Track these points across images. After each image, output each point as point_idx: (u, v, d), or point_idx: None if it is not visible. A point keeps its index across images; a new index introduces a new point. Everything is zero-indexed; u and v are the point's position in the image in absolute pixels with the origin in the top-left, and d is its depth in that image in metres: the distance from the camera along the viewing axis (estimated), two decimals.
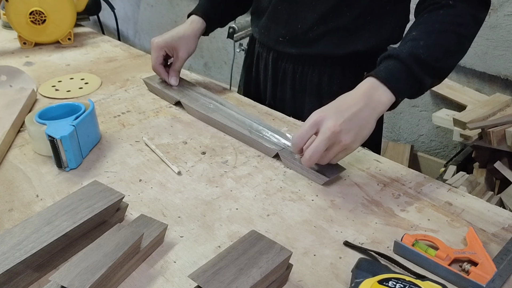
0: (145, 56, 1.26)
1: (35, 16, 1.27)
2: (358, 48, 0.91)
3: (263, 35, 1.00)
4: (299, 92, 0.99)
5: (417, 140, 2.09)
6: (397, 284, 0.48)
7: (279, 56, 0.99)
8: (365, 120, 0.68)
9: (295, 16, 0.92)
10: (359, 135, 0.68)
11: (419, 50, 0.72)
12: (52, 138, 0.71)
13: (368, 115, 0.68)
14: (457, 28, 0.74)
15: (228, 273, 0.49)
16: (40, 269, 0.54)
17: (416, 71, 0.71)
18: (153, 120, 0.91)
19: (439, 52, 0.73)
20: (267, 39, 0.99)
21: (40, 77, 1.11)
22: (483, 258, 0.55)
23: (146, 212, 0.65)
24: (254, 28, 1.05)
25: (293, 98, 1.00)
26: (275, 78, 1.01)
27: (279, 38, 0.96)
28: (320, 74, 0.95)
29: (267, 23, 0.97)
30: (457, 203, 0.67)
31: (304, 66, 0.96)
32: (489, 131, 1.51)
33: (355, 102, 0.69)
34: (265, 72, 1.04)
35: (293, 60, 0.97)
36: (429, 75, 0.73)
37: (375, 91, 0.70)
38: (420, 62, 0.71)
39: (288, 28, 0.94)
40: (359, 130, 0.68)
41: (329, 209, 0.66)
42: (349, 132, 0.67)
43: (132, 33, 3.51)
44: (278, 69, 1.00)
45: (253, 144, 0.81)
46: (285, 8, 0.93)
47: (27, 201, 0.68)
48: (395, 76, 0.71)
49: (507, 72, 1.69)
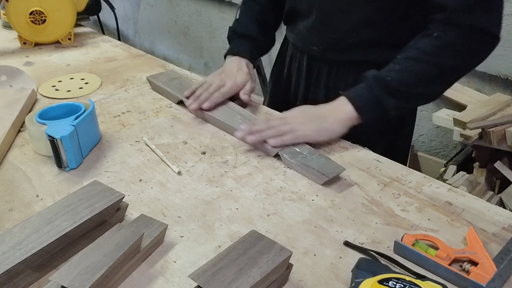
0: (145, 56, 1.26)
1: (35, 16, 1.27)
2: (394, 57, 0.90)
3: (298, 41, 1.00)
4: (332, 93, 0.97)
5: (417, 140, 2.09)
6: (397, 284, 0.48)
7: (314, 58, 0.98)
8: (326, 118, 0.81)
9: (331, 28, 0.91)
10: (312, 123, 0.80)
11: (390, 73, 0.79)
12: (52, 138, 0.71)
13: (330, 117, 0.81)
14: (436, 59, 0.77)
15: (228, 273, 0.49)
16: (40, 269, 0.54)
17: (377, 91, 0.78)
18: (153, 120, 0.91)
19: (410, 79, 0.78)
20: (302, 46, 0.99)
21: (40, 77, 1.11)
22: (483, 258, 0.55)
23: (146, 212, 0.65)
24: (289, 32, 1.04)
25: (326, 98, 0.98)
26: (309, 79, 1.01)
27: (314, 47, 0.95)
28: (356, 74, 0.92)
29: (303, 31, 0.96)
30: (457, 203, 0.67)
31: (339, 67, 0.95)
32: (489, 131, 1.51)
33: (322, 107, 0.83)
34: (298, 72, 1.03)
35: (328, 62, 0.96)
36: (394, 97, 0.78)
37: (342, 105, 0.81)
38: (383, 84, 0.78)
39: (322, 38, 0.93)
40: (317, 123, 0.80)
41: (329, 209, 0.66)
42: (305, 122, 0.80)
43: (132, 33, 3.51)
44: (313, 69, 0.99)
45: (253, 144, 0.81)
46: (318, 18, 0.92)
47: (27, 201, 0.68)
48: (359, 94, 0.80)
49: (507, 72, 1.69)
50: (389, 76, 0.78)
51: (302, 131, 0.79)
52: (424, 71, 0.78)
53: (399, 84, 0.78)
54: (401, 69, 0.79)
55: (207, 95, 0.92)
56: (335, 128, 0.80)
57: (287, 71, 1.07)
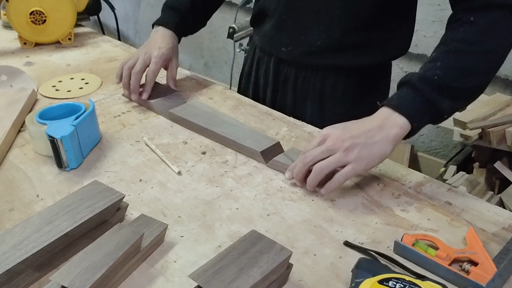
0: None
1: (35, 16, 1.27)
2: (363, 63, 0.90)
3: (265, 43, 0.99)
4: (300, 97, 0.98)
5: (417, 140, 2.09)
6: (397, 284, 0.48)
7: (281, 61, 0.97)
8: (375, 141, 0.66)
9: (301, 28, 0.90)
10: (366, 154, 0.66)
11: (435, 71, 0.69)
12: (53, 138, 0.71)
13: (379, 136, 0.67)
14: (478, 47, 0.70)
15: (229, 272, 0.49)
16: (41, 268, 0.54)
17: (428, 94, 0.68)
18: (153, 120, 0.91)
19: (457, 73, 0.70)
20: (269, 47, 0.98)
21: (40, 77, 1.11)
22: (483, 258, 0.55)
23: (146, 212, 0.65)
24: (256, 35, 1.04)
25: (294, 103, 0.99)
26: (276, 83, 1.00)
27: (282, 48, 0.94)
28: (323, 79, 0.93)
29: (271, 32, 0.96)
30: (457, 203, 0.67)
31: (307, 71, 0.94)
32: (489, 131, 1.51)
33: (367, 123, 0.68)
34: (265, 76, 1.03)
35: (296, 66, 0.95)
36: (447, 97, 0.69)
37: (389, 117, 0.68)
38: (432, 84, 0.69)
39: (292, 38, 0.92)
40: (367, 149, 0.66)
41: (329, 209, 0.67)
42: (353, 148, 0.65)
43: (133, 33, 3.51)
44: (280, 73, 0.99)
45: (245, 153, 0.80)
46: (290, 18, 0.91)
47: (28, 201, 0.68)
48: (407, 101, 0.69)
49: (507, 72, 1.69)
50: (436, 75, 0.69)
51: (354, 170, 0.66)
52: (470, 62, 0.70)
53: (449, 81, 0.69)
54: (445, 65, 0.70)
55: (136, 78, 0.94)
56: (387, 149, 0.67)
57: (254, 75, 1.06)
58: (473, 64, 0.70)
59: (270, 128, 0.88)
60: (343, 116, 0.78)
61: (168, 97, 0.95)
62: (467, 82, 0.70)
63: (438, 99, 0.68)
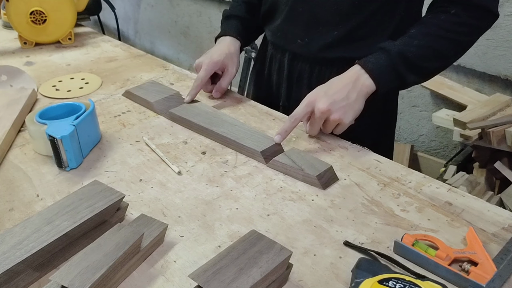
0: (145, 56, 1.26)
1: (35, 16, 1.27)
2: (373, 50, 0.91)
3: (278, 38, 0.98)
4: None
5: (417, 140, 2.09)
6: (397, 284, 0.48)
7: (295, 57, 0.97)
8: (353, 99, 0.79)
9: (316, 20, 0.90)
10: (349, 112, 0.79)
11: (410, 48, 0.80)
12: (53, 138, 0.71)
13: (355, 94, 0.79)
14: (453, 35, 0.81)
15: (228, 272, 0.49)
16: (41, 268, 0.54)
17: (400, 69, 0.80)
18: (154, 120, 0.91)
19: (429, 54, 0.81)
20: (283, 42, 0.98)
21: (40, 77, 1.11)
22: (483, 258, 0.55)
23: (146, 211, 0.65)
24: (267, 31, 1.03)
25: None
26: (291, 79, 1.00)
27: (298, 40, 0.94)
28: (338, 72, 0.91)
29: (283, 25, 0.95)
30: (457, 203, 0.67)
31: (321, 66, 0.94)
32: (489, 131, 1.51)
33: (343, 85, 0.80)
34: (279, 73, 1.02)
35: (310, 61, 0.95)
36: (414, 73, 0.81)
37: (360, 76, 0.80)
38: (406, 61, 0.79)
39: (307, 31, 0.92)
40: (348, 107, 0.79)
41: (329, 209, 0.67)
42: (337, 110, 0.78)
43: (133, 33, 3.51)
44: (294, 69, 0.98)
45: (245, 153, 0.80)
46: (305, 10, 0.91)
47: (28, 200, 0.68)
48: (380, 68, 0.80)
49: (507, 72, 1.69)
50: (410, 51, 0.79)
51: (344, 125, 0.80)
52: (443, 47, 0.81)
53: (420, 59, 0.80)
54: (420, 45, 0.80)
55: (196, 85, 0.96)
56: (360, 106, 0.80)
57: (267, 72, 1.06)
58: (445, 48, 0.81)
59: (270, 128, 0.88)
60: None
61: (168, 97, 0.95)
62: (435, 63, 0.83)
63: (407, 73, 0.80)
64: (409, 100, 2.05)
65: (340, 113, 0.78)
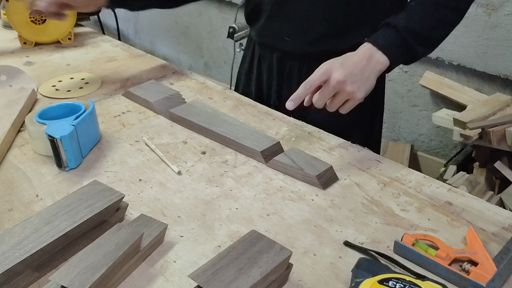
0: (145, 56, 1.26)
1: (35, 15, 1.27)
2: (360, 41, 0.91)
3: (265, 36, 0.99)
4: None
5: (417, 139, 2.09)
6: (397, 284, 0.48)
7: (284, 55, 0.97)
8: (367, 75, 0.78)
9: (301, 14, 0.91)
10: (362, 87, 0.77)
11: (416, 21, 0.81)
12: (52, 138, 0.71)
13: (369, 71, 0.78)
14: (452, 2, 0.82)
15: (228, 272, 0.49)
16: (40, 269, 0.54)
17: (410, 42, 0.80)
18: (153, 120, 0.91)
19: (434, 24, 0.82)
20: (270, 40, 0.98)
21: (40, 77, 1.11)
22: (483, 257, 0.55)
23: (146, 211, 0.65)
24: (252, 31, 1.03)
25: None
26: (281, 78, 1.00)
27: (284, 37, 0.94)
28: None
29: (269, 24, 0.96)
30: (457, 202, 0.67)
31: (310, 62, 0.94)
32: (489, 130, 1.51)
33: (358, 59, 0.79)
34: (269, 72, 1.02)
35: (299, 58, 0.96)
36: (422, 45, 0.82)
37: (374, 53, 0.79)
38: (415, 34, 0.80)
39: (294, 27, 0.92)
40: (362, 82, 0.77)
41: (329, 209, 0.66)
42: (353, 83, 0.76)
43: (132, 33, 3.51)
44: (284, 68, 0.99)
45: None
46: (289, 6, 0.91)
47: (27, 201, 0.68)
48: (391, 44, 0.80)
49: (507, 71, 1.69)
50: (416, 24, 0.80)
51: (355, 99, 0.77)
52: (445, 15, 0.83)
53: (427, 31, 0.81)
54: (423, 16, 0.81)
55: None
56: (372, 83, 0.79)
57: (256, 72, 1.06)
58: (446, 17, 0.83)
59: (270, 128, 0.88)
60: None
61: (168, 97, 0.95)
62: (441, 32, 0.85)
63: (416, 46, 0.81)
64: (409, 100, 2.05)
65: (355, 86, 0.76)
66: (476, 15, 1.67)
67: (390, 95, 2.10)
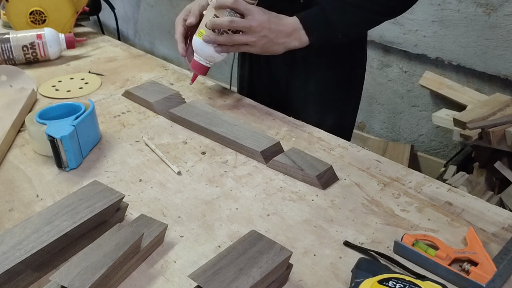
0: (145, 56, 1.26)
1: (35, 16, 1.27)
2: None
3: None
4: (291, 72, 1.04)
5: (417, 140, 2.09)
6: (397, 284, 0.48)
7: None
8: (279, 42, 0.84)
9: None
10: (266, 46, 0.84)
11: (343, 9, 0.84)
12: (52, 138, 0.71)
13: (283, 41, 0.84)
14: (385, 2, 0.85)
15: (228, 273, 0.49)
16: (40, 269, 0.54)
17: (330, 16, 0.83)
18: (153, 120, 0.91)
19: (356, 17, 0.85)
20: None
21: (40, 77, 1.11)
22: (483, 258, 0.55)
23: (146, 212, 0.65)
24: None
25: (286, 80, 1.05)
26: (290, 64, 1.03)
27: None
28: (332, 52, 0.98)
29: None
30: (457, 203, 0.67)
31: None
32: (489, 131, 1.51)
33: (284, 26, 0.84)
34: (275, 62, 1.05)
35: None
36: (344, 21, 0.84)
37: (298, 30, 0.84)
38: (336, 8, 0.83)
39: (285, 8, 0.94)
40: (270, 44, 0.83)
41: (329, 209, 0.66)
42: (263, 39, 0.82)
43: (132, 33, 3.51)
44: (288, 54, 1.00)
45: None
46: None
47: (27, 201, 0.68)
48: (316, 28, 0.84)
49: (507, 72, 1.69)
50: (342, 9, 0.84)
51: (253, 51, 0.84)
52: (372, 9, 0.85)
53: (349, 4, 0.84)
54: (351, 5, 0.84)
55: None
56: (277, 51, 0.85)
57: (265, 63, 1.08)
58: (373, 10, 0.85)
59: (270, 128, 0.88)
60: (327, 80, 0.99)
61: (168, 97, 0.95)
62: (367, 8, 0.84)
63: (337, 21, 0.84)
64: (409, 100, 2.05)
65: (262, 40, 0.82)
66: (476, 15, 1.67)
67: (390, 95, 2.10)
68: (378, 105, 2.17)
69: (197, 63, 0.90)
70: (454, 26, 1.73)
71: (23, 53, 1.15)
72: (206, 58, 0.89)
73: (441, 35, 1.77)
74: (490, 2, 1.62)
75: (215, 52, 0.86)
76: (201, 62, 0.89)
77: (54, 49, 1.18)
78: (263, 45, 0.83)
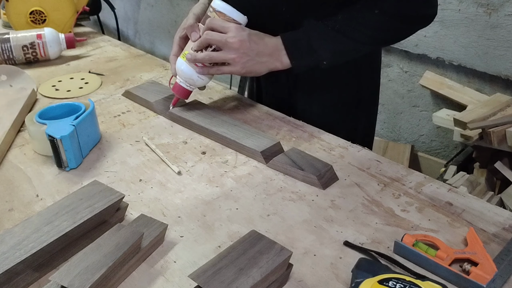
0: (145, 56, 1.26)
1: (35, 16, 1.27)
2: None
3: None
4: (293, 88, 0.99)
5: (418, 140, 2.09)
6: (397, 284, 0.48)
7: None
8: (261, 62, 0.81)
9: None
10: (248, 66, 0.80)
11: (328, 22, 0.80)
12: (52, 138, 0.71)
13: (265, 60, 0.81)
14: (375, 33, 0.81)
15: (228, 273, 0.49)
16: (40, 269, 0.54)
17: (314, 42, 0.80)
18: (153, 120, 0.91)
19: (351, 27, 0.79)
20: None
21: (40, 77, 1.11)
22: (484, 258, 0.55)
23: (146, 212, 0.65)
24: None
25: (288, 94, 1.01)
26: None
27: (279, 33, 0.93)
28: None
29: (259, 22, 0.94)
30: (458, 203, 0.67)
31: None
32: (490, 131, 1.51)
33: (265, 46, 0.81)
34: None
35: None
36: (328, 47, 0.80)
37: (280, 51, 0.81)
38: (321, 33, 0.79)
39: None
40: (252, 63, 0.80)
41: (329, 209, 0.66)
42: (244, 57, 0.79)
43: (132, 33, 3.51)
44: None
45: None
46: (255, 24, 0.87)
47: (27, 201, 0.68)
48: (299, 51, 0.81)
49: (507, 72, 1.69)
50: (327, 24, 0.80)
51: (235, 71, 0.81)
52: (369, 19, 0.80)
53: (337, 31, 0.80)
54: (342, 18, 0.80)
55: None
56: (262, 72, 0.83)
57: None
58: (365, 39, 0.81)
59: (270, 128, 0.88)
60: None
61: (168, 97, 0.95)
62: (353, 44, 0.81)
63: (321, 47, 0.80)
64: (409, 100, 2.05)
65: (243, 57, 0.79)
66: (477, 15, 1.67)
67: (390, 95, 2.10)
68: (378, 105, 2.17)
69: (178, 85, 0.87)
70: (455, 26, 1.72)
71: (23, 53, 1.15)
72: (186, 80, 0.86)
73: (441, 35, 1.77)
74: (491, 2, 1.62)
75: (196, 73, 0.84)
76: (182, 84, 0.87)
77: (54, 49, 1.19)
78: (244, 64, 0.80)
